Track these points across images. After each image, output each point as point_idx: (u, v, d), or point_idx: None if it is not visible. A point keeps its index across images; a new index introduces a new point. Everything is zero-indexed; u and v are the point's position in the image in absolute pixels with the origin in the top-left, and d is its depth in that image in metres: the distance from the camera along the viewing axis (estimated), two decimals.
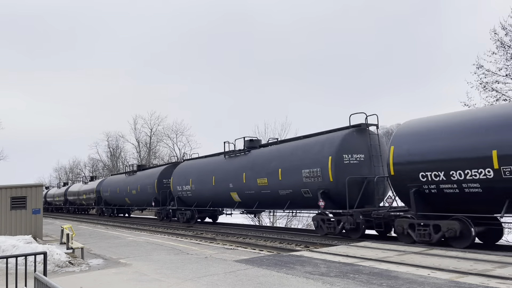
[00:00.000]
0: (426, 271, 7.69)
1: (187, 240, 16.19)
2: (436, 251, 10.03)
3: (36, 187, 17.24)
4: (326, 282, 7.21)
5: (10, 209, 16.23)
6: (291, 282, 7.36)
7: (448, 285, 6.62)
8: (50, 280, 4.94)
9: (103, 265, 10.53)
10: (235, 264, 9.52)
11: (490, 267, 7.78)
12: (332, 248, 11.37)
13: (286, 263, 9.15)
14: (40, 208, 16.87)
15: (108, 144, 67.79)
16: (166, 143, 58.67)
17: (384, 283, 6.94)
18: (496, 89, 21.74)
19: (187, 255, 11.35)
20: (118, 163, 67.45)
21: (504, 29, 21.48)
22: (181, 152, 55.60)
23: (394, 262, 8.74)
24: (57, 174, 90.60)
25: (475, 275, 7.21)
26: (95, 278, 8.79)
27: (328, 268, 8.49)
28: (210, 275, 8.34)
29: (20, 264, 7.07)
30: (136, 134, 61.00)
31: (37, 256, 6.88)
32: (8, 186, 16.65)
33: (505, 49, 21.48)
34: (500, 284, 6.56)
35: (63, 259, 10.45)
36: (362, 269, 8.18)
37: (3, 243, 11.84)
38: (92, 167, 74.94)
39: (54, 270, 9.77)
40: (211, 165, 21.87)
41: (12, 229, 15.97)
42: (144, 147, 60.80)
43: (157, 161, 57.96)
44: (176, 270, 9.15)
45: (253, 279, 7.75)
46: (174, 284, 7.73)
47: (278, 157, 17.04)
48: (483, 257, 8.87)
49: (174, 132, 57.15)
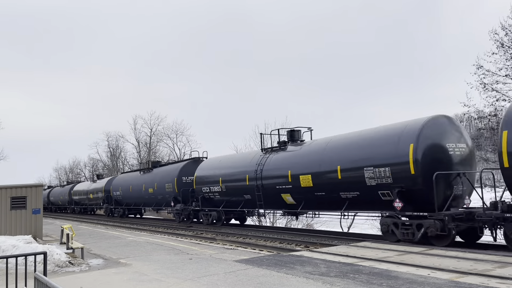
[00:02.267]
0: (426, 271, 7.69)
1: (187, 240, 16.19)
2: (436, 251, 10.02)
3: (36, 187, 17.24)
4: (326, 282, 7.21)
5: (10, 209, 16.23)
6: (291, 282, 7.36)
7: (448, 285, 6.62)
8: (50, 280, 4.94)
9: (103, 265, 10.53)
10: (235, 264, 9.52)
11: (490, 267, 7.78)
12: (332, 248, 11.37)
13: (286, 263, 9.15)
14: (40, 208, 16.87)
15: (108, 144, 67.86)
16: (166, 143, 58.65)
17: (384, 283, 6.94)
18: (496, 89, 21.75)
19: (187, 255, 11.34)
20: (118, 163, 67.47)
21: (504, 29, 21.49)
22: (181, 152, 55.60)
23: (394, 262, 8.74)
24: (57, 174, 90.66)
25: (475, 275, 7.20)
26: (95, 278, 8.79)
27: (328, 268, 8.49)
28: (210, 275, 8.34)
29: (20, 264, 7.07)
30: (136, 134, 61.03)
31: (37, 256, 6.88)
32: (8, 186, 16.65)
33: (505, 49, 21.48)
34: (500, 284, 6.55)
35: (63, 259, 10.45)
36: (362, 269, 8.18)
37: (3, 243, 11.84)
38: (92, 167, 74.95)
39: (54, 270, 9.77)
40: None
41: (12, 229, 15.97)
42: (144, 147, 60.78)
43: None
44: (176, 270, 9.15)
45: (253, 279, 7.75)
46: (174, 284, 7.73)
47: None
48: (483, 257, 8.87)
49: (174, 132, 57.13)
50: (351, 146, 14.26)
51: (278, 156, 17.79)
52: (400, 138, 12.59)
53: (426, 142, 12.15)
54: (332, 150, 14.96)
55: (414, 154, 12.03)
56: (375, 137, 13.61)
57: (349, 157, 14.07)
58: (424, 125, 12.30)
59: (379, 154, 13.03)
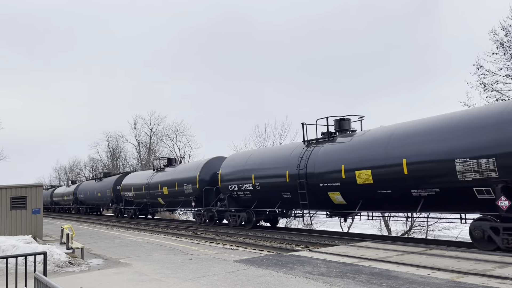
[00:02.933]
0: (426, 271, 7.69)
1: (187, 240, 16.19)
2: (436, 251, 10.02)
3: (36, 187, 17.27)
4: (326, 282, 7.21)
5: (10, 209, 16.25)
6: (291, 282, 7.36)
7: (448, 285, 6.62)
8: (50, 280, 4.94)
9: (103, 265, 10.53)
10: (235, 264, 9.52)
11: (490, 267, 7.78)
12: (332, 248, 11.37)
13: (286, 263, 9.15)
14: (40, 208, 16.89)
15: (108, 144, 67.91)
16: (166, 143, 58.71)
17: (384, 283, 6.94)
18: (496, 89, 21.77)
19: (187, 255, 11.35)
20: (118, 163, 67.49)
21: (504, 29, 21.52)
22: (181, 152, 55.61)
23: (394, 262, 8.74)
24: (57, 174, 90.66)
25: (475, 275, 7.21)
26: (95, 278, 8.79)
27: (328, 268, 8.49)
28: (210, 275, 8.34)
29: (20, 264, 7.07)
30: (136, 134, 61.09)
31: (37, 256, 6.88)
32: (8, 186, 16.67)
33: (505, 49, 21.50)
34: (500, 284, 6.55)
35: (63, 259, 10.45)
36: (362, 269, 8.18)
37: (3, 243, 11.85)
38: (92, 167, 74.99)
39: (54, 270, 9.77)
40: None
41: (12, 229, 15.99)
42: (144, 147, 60.83)
43: (157, 161, 57.75)
44: (176, 270, 9.15)
45: (253, 279, 7.75)
46: (174, 284, 7.73)
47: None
48: (483, 257, 8.87)
49: (174, 132, 57.17)
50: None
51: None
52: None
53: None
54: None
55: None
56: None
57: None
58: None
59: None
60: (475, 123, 10.93)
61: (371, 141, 13.84)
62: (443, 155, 11.31)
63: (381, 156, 13.11)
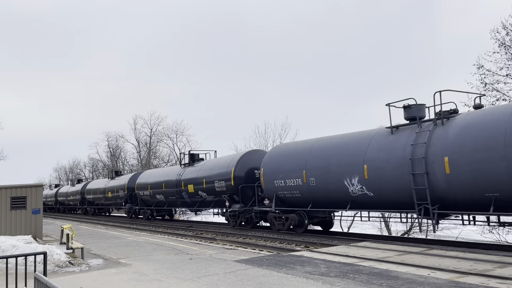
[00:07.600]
0: (426, 271, 7.69)
1: (187, 240, 16.20)
2: (436, 251, 10.02)
3: (36, 187, 17.28)
4: (326, 282, 7.21)
5: (10, 209, 16.25)
6: (291, 282, 7.36)
7: (448, 285, 6.62)
8: (50, 280, 4.94)
9: (103, 265, 10.53)
10: (235, 264, 9.52)
11: (490, 267, 7.78)
12: (332, 248, 11.36)
13: (286, 263, 9.15)
14: (40, 208, 16.89)
15: (108, 144, 67.88)
16: (166, 143, 58.67)
17: (384, 283, 6.94)
18: (497, 89, 21.75)
19: (187, 255, 11.35)
20: (118, 163, 67.48)
21: (505, 28, 21.49)
22: (181, 152, 55.57)
23: (394, 262, 8.74)
24: (57, 174, 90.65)
25: (475, 275, 7.21)
26: (95, 278, 8.79)
27: (328, 268, 8.49)
28: (210, 275, 8.34)
29: (20, 264, 7.07)
30: (136, 134, 61.04)
31: (37, 256, 6.88)
32: (8, 186, 16.68)
33: (506, 48, 21.49)
34: (500, 284, 6.55)
35: (63, 259, 10.45)
36: (362, 269, 8.18)
37: (3, 243, 11.85)
38: (92, 167, 74.99)
39: (54, 270, 9.78)
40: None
41: (12, 229, 15.99)
42: (144, 147, 60.81)
43: (157, 161, 57.84)
44: (176, 270, 9.15)
45: (253, 279, 7.75)
46: (174, 284, 7.73)
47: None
48: (483, 257, 8.87)
49: (174, 132, 57.13)
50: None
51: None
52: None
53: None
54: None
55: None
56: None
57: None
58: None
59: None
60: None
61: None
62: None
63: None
